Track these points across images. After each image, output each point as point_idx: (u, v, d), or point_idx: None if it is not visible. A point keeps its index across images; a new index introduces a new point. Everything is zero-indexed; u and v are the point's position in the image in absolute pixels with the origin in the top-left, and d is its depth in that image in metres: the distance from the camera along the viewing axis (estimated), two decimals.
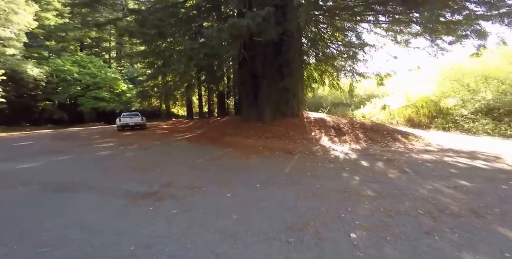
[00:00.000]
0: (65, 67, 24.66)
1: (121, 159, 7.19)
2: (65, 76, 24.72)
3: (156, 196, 4.09)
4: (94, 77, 25.18)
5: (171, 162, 6.66)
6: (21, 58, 24.84)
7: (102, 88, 25.26)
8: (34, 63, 24.96)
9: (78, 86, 24.97)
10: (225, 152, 7.67)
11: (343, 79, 10.57)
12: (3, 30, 22.88)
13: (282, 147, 7.82)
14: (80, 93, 25.23)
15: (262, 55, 10.48)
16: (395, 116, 12.36)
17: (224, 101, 19.10)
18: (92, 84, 25.06)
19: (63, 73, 24.69)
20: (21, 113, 28.92)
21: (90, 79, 24.96)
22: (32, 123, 28.68)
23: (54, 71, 24.91)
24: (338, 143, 8.12)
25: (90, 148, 9.20)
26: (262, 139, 9.05)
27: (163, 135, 12.89)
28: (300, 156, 6.83)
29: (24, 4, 22.46)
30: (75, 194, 4.26)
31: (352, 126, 9.15)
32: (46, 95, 26.46)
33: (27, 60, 24.77)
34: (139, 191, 4.32)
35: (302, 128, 9.31)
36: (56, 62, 24.88)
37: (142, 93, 20.83)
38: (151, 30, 10.24)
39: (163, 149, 8.62)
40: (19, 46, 24.75)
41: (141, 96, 21.61)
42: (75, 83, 24.88)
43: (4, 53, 23.39)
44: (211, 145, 9.05)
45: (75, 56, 26.10)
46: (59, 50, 27.41)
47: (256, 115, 11.18)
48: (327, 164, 5.98)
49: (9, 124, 27.72)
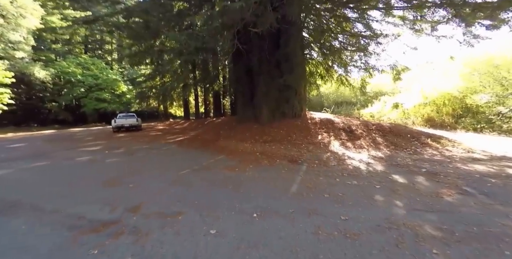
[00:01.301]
0: (69, 69, 23.21)
1: (98, 168, 5.47)
2: (70, 78, 23.28)
3: (113, 228, 2.59)
4: (96, 78, 23.64)
5: (152, 172, 4.90)
6: (29, 61, 23.53)
7: (103, 89, 23.70)
8: (41, 66, 23.60)
9: (82, 87, 23.52)
10: (216, 160, 5.88)
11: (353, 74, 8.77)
12: (13, 34, 21.61)
13: (284, 154, 6.01)
14: (83, 94, 23.78)
15: (258, 50, 8.66)
16: (411, 116, 10.46)
17: (220, 101, 17.33)
18: (94, 85, 23.52)
19: (67, 75, 23.24)
20: (30, 115, 27.74)
21: (92, 80, 23.42)
22: (40, 124, 27.50)
23: (60, 73, 23.50)
24: (352, 148, 6.27)
25: (74, 152, 7.58)
26: (259, 143, 7.25)
27: (155, 137, 11.17)
28: (309, 166, 5.01)
29: (31, 8, 21.08)
30: (6, 218, 2.87)
31: (367, 129, 7.29)
32: (52, 97, 25.15)
33: (35, 62, 23.43)
34: (93, 219, 2.82)
35: (306, 131, 7.49)
36: (61, 64, 23.44)
37: (141, 94, 19.38)
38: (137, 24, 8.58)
39: (149, 155, 6.87)
40: (28, 49, 23.43)
41: (139, 97, 20.18)
42: (79, 85, 23.42)
43: (14, 56, 22.12)
44: (202, 149, 7.27)
45: (78, 58, 24.63)
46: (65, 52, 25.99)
47: (252, 116, 9.37)
48: (347, 179, 4.15)
49: (18, 125, 26.59)
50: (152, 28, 7.59)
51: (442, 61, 11.55)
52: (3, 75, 19.78)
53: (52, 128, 25.21)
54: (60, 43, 26.06)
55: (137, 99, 20.81)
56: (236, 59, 9.46)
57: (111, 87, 24.48)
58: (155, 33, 7.73)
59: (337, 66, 8.58)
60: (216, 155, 6.34)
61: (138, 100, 20.87)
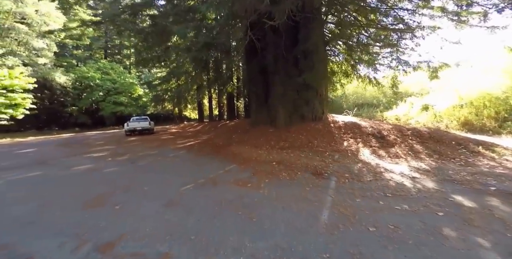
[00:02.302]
0: (89, 74, 23.65)
1: (90, 180, 4.78)
2: (89, 83, 23.70)
3: None
4: (114, 83, 23.89)
5: (149, 187, 4.12)
6: (51, 67, 24.25)
7: (121, 93, 23.89)
8: (62, 71, 24.25)
9: (100, 91, 23.85)
10: (226, 170, 5.01)
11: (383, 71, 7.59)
12: (37, 41, 22.35)
13: (306, 164, 5.02)
14: (101, 98, 24.11)
15: (273, 46, 7.77)
16: (443, 119, 9.05)
17: (234, 103, 16.55)
18: (112, 89, 23.77)
19: (87, 79, 23.70)
20: (52, 118, 28.63)
21: (110, 84, 23.69)
22: (61, 127, 28.31)
23: (79, 78, 24.01)
24: (386, 158, 5.16)
25: (77, 159, 7.08)
26: (275, 149, 6.31)
27: (165, 141, 10.56)
28: (338, 181, 4.00)
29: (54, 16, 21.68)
30: None
31: (401, 134, 6.13)
32: (73, 101, 25.76)
33: (56, 68, 24.11)
34: None
35: (329, 136, 6.45)
36: (81, 69, 23.96)
37: (156, 97, 19.13)
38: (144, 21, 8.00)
39: (152, 163, 6.15)
40: (50, 55, 24.17)
41: (155, 100, 19.97)
42: (97, 89, 23.78)
43: (37, 62, 22.86)
44: (212, 156, 6.45)
45: (98, 63, 25.07)
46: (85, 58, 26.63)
47: (267, 119, 8.45)
48: (394, 202, 3.10)
49: (41, 128, 27.50)
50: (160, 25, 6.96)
51: (481, 57, 10.01)
52: (26, 82, 20.35)
53: (72, 131, 25.82)
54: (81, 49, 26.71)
55: (152, 102, 20.72)
56: (250, 58, 8.62)
57: (128, 91, 24.64)
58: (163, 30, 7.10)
59: (365, 63, 7.43)
60: (227, 164, 5.47)
61: (154, 103, 20.77)
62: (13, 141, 15.91)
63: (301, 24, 7.73)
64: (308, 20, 7.47)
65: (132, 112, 24.11)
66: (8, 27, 19.98)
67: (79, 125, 27.78)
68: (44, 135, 21.93)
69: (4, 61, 20.02)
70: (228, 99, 16.30)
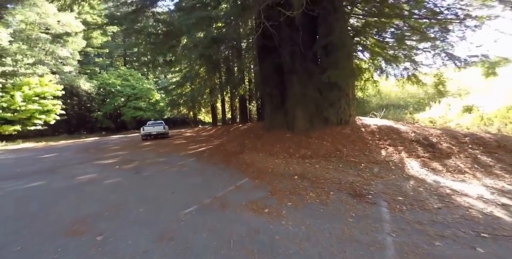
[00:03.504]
0: (110, 81, 24.07)
1: (86, 195, 3.99)
2: (110, 89, 24.11)
3: None
4: (133, 88, 24.07)
5: (144, 208, 3.21)
6: (76, 75, 25.05)
7: (140, 98, 24.00)
8: (86, 78, 24.94)
9: (121, 97, 24.16)
10: (237, 186, 3.97)
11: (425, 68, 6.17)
12: (61, 50, 23.18)
13: (337, 179, 3.85)
14: (123, 104, 24.40)
15: (289, 42, 6.69)
16: (494, 122, 7.39)
17: (246, 106, 15.62)
18: (132, 95, 23.96)
19: (108, 86, 24.13)
20: (81, 123, 29.66)
21: (130, 90, 23.90)
22: (89, 131, 29.23)
23: (102, 84, 24.52)
24: (444, 172, 3.85)
25: (85, 167, 6.54)
26: (295, 158, 5.18)
27: (177, 146, 9.79)
28: (392, 208, 2.78)
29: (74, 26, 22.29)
30: None
31: (457, 141, 4.74)
32: (98, 106, 26.41)
33: (80, 75, 24.84)
34: None
35: (361, 143, 5.20)
36: (103, 76, 24.48)
37: (172, 101, 18.82)
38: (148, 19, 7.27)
39: (157, 174, 5.28)
40: (74, 63, 24.99)
41: (171, 105, 19.69)
42: (119, 95, 24.10)
43: (63, 70, 23.69)
44: (222, 166, 5.45)
45: (118, 70, 25.49)
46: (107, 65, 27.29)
47: (283, 123, 7.34)
48: (501, 249, 1.89)
49: (72, 133, 28.55)
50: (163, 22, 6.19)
51: None
52: (55, 89, 21.00)
53: (98, 135, 26.40)
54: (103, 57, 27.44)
55: (169, 106, 20.53)
56: (263, 56, 7.61)
57: (146, 96, 24.74)
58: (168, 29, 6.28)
59: (398, 60, 6.04)
60: (238, 177, 4.44)
61: (170, 107, 20.56)
62: (46, 145, 16.49)
63: (320, 16, 6.63)
64: (328, 11, 6.35)
65: (150, 117, 24.11)
66: (35, 37, 20.80)
67: (105, 129, 28.55)
68: (74, 138, 22.58)
69: (34, 70, 20.85)
70: (240, 102, 15.42)
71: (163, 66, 9.23)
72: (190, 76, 15.24)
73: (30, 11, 19.65)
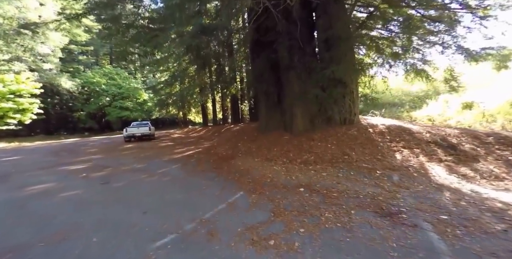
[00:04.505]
0: (94, 79, 22.27)
1: (24, 214, 2.94)
2: (94, 88, 22.30)
3: None
4: (119, 88, 22.40)
5: (99, 239, 2.25)
6: (57, 73, 23.04)
7: (126, 98, 22.38)
8: (68, 77, 23.00)
9: (106, 97, 22.42)
10: (230, 204, 3.05)
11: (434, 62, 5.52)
12: (41, 46, 21.20)
13: (354, 191, 3.04)
14: (108, 103, 22.68)
15: (287, 36, 5.87)
16: (496, 119, 6.96)
17: (238, 106, 14.67)
18: (117, 94, 22.30)
19: (92, 85, 22.31)
20: (61, 123, 27.47)
21: (116, 90, 22.22)
22: (70, 132, 27.11)
23: (85, 83, 22.67)
24: (479, 179, 3.15)
25: (46, 173, 5.37)
26: (297, 164, 4.34)
27: (162, 149, 8.69)
28: (442, 233, 1.99)
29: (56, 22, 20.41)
30: None
31: (480, 142, 4.09)
32: (80, 106, 24.46)
33: (62, 73, 22.86)
34: None
35: (371, 146, 4.45)
36: (86, 75, 22.63)
37: (160, 101, 17.57)
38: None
39: (131, 184, 4.24)
40: (56, 61, 22.98)
41: (159, 105, 18.39)
42: (103, 94, 22.35)
43: (42, 68, 21.68)
44: (212, 175, 4.51)
45: (103, 68, 23.70)
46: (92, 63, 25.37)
47: (280, 123, 6.52)
48: None
49: (51, 133, 26.35)
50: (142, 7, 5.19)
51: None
52: (32, 87, 19.09)
53: (80, 136, 24.44)
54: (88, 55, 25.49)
55: (157, 106, 19.22)
56: (257, 51, 6.74)
57: (133, 95, 23.15)
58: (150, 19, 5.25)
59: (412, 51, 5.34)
60: (231, 190, 3.52)
61: (158, 107, 19.24)
62: (18, 146, 14.80)
63: (319, 8, 5.87)
64: (328, 2, 5.58)
65: (137, 117, 22.54)
66: (13, 33, 18.80)
67: (88, 130, 26.54)
68: (52, 139, 20.70)
69: (10, 67, 18.88)
70: (232, 102, 14.44)
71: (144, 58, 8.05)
72: (179, 75, 14.14)
73: (9, 5, 17.69)
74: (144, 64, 18.92)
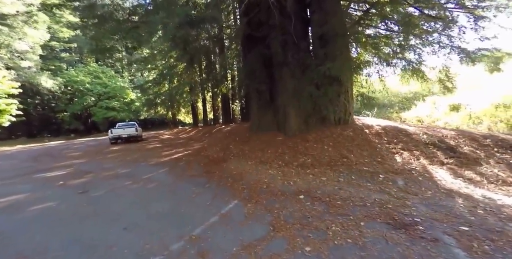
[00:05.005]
0: (78, 78, 20.91)
1: None
2: (78, 87, 20.93)
3: None
4: (105, 87, 21.19)
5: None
6: (37, 71, 21.43)
7: (113, 98, 21.20)
8: (49, 75, 21.45)
9: (91, 96, 21.11)
10: (223, 216, 2.65)
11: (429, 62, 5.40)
12: (19, 43, 19.59)
13: (360, 199, 2.75)
14: (93, 103, 21.37)
15: (281, 31, 5.56)
16: (483, 121, 7.04)
17: (229, 106, 14.19)
18: (103, 94, 21.07)
19: (76, 84, 20.93)
20: (44, 125, 25.64)
21: (101, 89, 20.99)
22: (54, 134, 25.38)
23: (68, 82, 21.23)
24: (486, 183, 2.97)
25: (19, 182, 4.79)
26: (293, 167, 4.02)
27: (150, 151, 8.11)
28: (468, 249, 1.71)
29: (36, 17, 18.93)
30: None
31: (479, 144, 3.95)
32: (64, 106, 22.90)
33: (42, 72, 21.27)
34: None
35: (369, 147, 4.21)
36: (69, 73, 21.21)
37: (148, 101, 16.74)
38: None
39: (112, 193, 3.75)
40: (35, 58, 21.36)
41: (147, 105, 17.53)
42: (88, 93, 21.02)
43: (20, 65, 20.05)
44: (202, 180, 4.08)
45: (87, 67, 22.35)
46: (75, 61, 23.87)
47: (273, 123, 6.19)
48: None
49: (33, 136, 24.54)
50: None
51: None
52: (9, 86, 17.55)
53: (65, 138, 22.90)
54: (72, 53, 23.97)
55: (145, 106, 18.32)
56: (249, 47, 6.37)
57: (120, 95, 21.99)
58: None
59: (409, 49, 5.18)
60: (224, 198, 3.13)
61: (146, 107, 18.33)
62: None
63: (313, 2, 5.62)
64: None
65: (125, 118, 21.40)
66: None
67: (73, 132, 24.95)
68: (35, 142, 19.24)
69: None
70: (223, 102, 13.94)
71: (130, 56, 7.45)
72: (168, 73, 13.48)
73: None
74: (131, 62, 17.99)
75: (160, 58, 12.42)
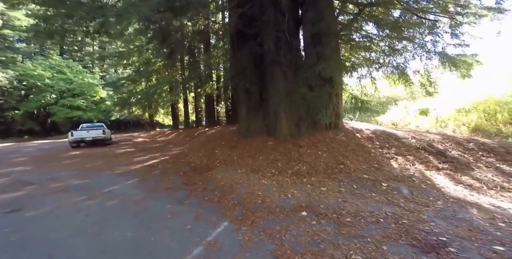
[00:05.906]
0: (35, 72, 17.86)
1: None
2: (35, 82, 17.87)
3: None
4: (69, 83, 18.50)
5: None
6: None
7: (78, 95, 18.58)
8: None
9: (51, 93, 18.18)
10: (210, 245, 1.98)
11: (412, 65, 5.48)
12: None
13: (370, 213, 2.33)
14: (53, 101, 18.43)
15: (274, 28, 5.11)
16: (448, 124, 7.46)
17: (213, 107, 13.30)
18: (66, 91, 18.35)
19: (32, 78, 17.85)
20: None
21: (64, 85, 18.25)
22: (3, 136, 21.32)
23: (23, 76, 18.02)
24: (486, 189, 2.81)
25: None
26: (288, 176, 3.52)
27: (118, 157, 6.91)
28: None
29: None
30: None
31: (464, 148, 3.87)
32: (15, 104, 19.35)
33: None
34: None
35: (363, 153, 3.92)
36: (24, 66, 18.04)
37: (121, 100, 14.93)
38: None
39: (54, 214, 2.80)
40: None
41: (120, 104, 15.64)
42: (47, 90, 18.08)
43: None
44: (181, 195, 3.33)
45: (49, 60, 19.33)
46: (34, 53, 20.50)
47: (262, 127, 5.67)
48: None
49: None
50: None
51: None
52: None
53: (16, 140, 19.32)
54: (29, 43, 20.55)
55: (117, 106, 16.30)
56: (239, 44, 5.79)
57: (88, 93, 19.38)
58: None
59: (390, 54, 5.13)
60: (210, 220, 2.45)
61: (119, 107, 16.35)
62: None
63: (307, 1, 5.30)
64: None
65: (92, 118, 18.91)
66: None
67: (28, 133, 21.24)
68: None
69: None
70: (207, 103, 12.99)
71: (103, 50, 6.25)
72: (145, 70, 12.11)
73: None
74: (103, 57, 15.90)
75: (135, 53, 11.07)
